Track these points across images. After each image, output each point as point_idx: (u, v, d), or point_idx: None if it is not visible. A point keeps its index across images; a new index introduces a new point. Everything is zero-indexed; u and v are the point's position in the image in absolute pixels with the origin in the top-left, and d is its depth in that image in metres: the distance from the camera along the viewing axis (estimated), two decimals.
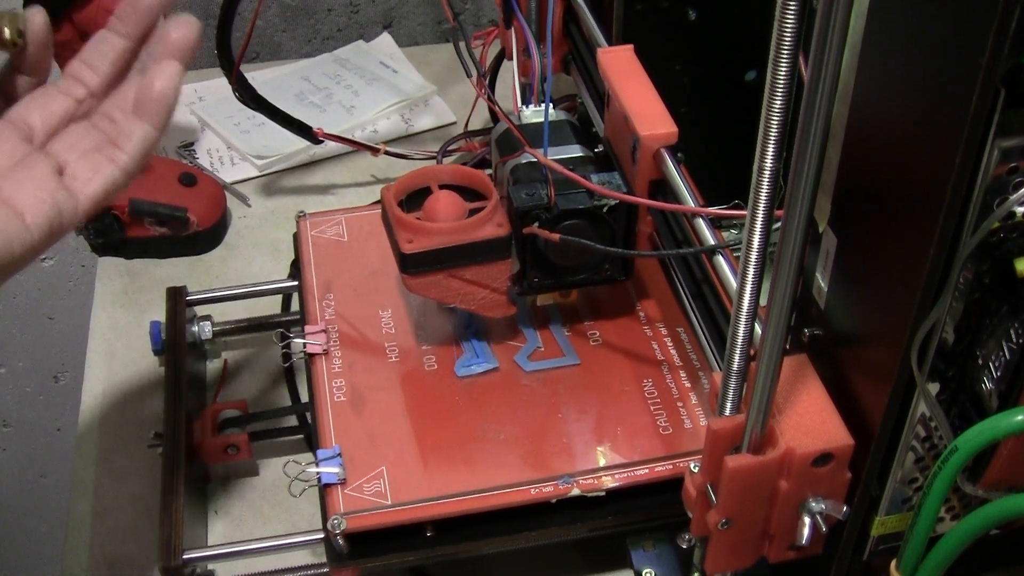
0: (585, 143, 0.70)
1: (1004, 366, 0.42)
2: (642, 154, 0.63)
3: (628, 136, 0.66)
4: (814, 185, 0.37)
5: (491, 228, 0.64)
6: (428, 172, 0.68)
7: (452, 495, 0.60)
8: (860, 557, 0.51)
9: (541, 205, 0.62)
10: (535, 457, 0.62)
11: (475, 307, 0.66)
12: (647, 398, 0.66)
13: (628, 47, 0.70)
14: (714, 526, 0.47)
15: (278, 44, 1.23)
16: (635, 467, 0.61)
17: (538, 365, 0.68)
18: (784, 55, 0.35)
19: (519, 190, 0.63)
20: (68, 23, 0.77)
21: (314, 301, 0.73)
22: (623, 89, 0.67)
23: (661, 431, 0.64)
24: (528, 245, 0.64)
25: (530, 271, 0.66)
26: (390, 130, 1.03)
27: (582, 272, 0.67)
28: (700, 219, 0.59)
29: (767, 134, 0.37)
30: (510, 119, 0.70)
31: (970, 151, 0.36)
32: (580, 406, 0.66)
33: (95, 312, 0.85)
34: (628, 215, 0.64)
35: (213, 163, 0.99)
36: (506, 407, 0.66)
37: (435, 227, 0.63)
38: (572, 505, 0.61)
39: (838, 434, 0.45)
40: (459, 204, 0.65)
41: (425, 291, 0.65)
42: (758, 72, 0.79)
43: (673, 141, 0.63)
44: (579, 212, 0.63)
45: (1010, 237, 0.39)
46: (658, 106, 0.65)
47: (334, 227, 0.80)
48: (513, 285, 0.67)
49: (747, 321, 0.42)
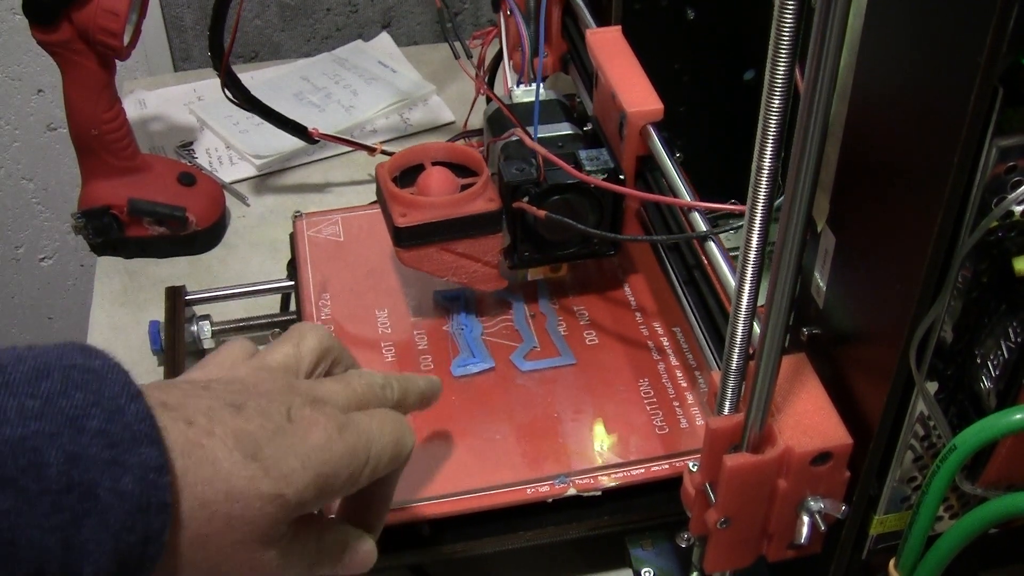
0: (574, 121, 0.72)
1: (1002, 365, 0.42)
2: (629, 130, 0.65)
3: (615, 113, 0.67)
4: (813, 184, 0.37)
5: (482, 202, 0.65)
6: (421, 149, 0.69)
7: (449, 495, 0.60)
8: (859, 556, 0.51)
9: (531, 180, 0.64)
10: (531, 457, 0.62)
11: (467, 280, 0.68)
12: (644, 398, 0.66)
13: (616, 28, 0.72)
14: (713, 525, 0.47)
15: (277, 44, 1.23)
16: (631, 467, 0.61)
17: (534, 365, 0.68)
18: (783, 54, 0.35)
19: (509, 166, 0.65)
20: (67, 23, 0.77)
21: (310, 301, 0.73)
22: (610, 68, 0.68)
23: (657, 431, 0.64)
24: (518, 219, 0.66)
25: (520, 245, 0.67)
26: (389, 129, 1.03)
27: (571, 246, 0.68)
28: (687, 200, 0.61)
29: (766, 133, 0.37)
30: (501, 99, 0.71)
31: (968, 150, 0.36)
32: (576, 405, 0.66)
33: (94, 311, 0.85)
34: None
35: (212, 163, 0.99)
36: (502, 407, 0.66)
37: (428, 201, 0.65)
38: (571, 504, 0.61)
39: (837, 433, 0.45)
40: (451, 180, 0.66)
41: (418, 264, 0.66)
42: (757, 71, 0.79)
43: (659, 118, 0.65)
44: (568, 187, 0.64)
45: (1008, 236, 0.39)
46: (644, 84, 0.67)
47: (331, 227, 0.80)
48: (504, 259, 0.68)
49: (746, 320, 0.42)
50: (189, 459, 0.39)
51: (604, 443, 0.63)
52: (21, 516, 0.34)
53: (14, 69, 1.27)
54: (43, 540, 0.35)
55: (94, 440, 0.36)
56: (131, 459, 0.37)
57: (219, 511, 0.40)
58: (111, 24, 0.77)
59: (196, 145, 1.01)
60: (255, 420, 0.42)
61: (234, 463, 0.40)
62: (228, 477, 0.40)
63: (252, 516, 0.40)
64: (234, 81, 0.83)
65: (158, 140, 1.02)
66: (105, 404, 0.37)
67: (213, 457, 0.40)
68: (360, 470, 0.45)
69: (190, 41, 1.22)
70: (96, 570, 0.36)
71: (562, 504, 0.61)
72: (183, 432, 0.39)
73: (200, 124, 1.03)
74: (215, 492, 0.39)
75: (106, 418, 0.37)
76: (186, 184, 0.89)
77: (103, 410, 0.37)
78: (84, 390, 0.37)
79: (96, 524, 0.36)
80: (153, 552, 0.37)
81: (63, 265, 1.44)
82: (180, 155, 0.99)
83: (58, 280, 1.45)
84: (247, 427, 0.42)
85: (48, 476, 0.35)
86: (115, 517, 0.36)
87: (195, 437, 0.40)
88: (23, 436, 0.35)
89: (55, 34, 0.78)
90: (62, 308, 1.47)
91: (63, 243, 1.42)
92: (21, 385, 0.36)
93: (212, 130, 1.02)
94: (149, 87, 1.09)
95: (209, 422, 0.41)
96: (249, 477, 0.40)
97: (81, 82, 0.81)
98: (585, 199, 0.65)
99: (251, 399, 0.43)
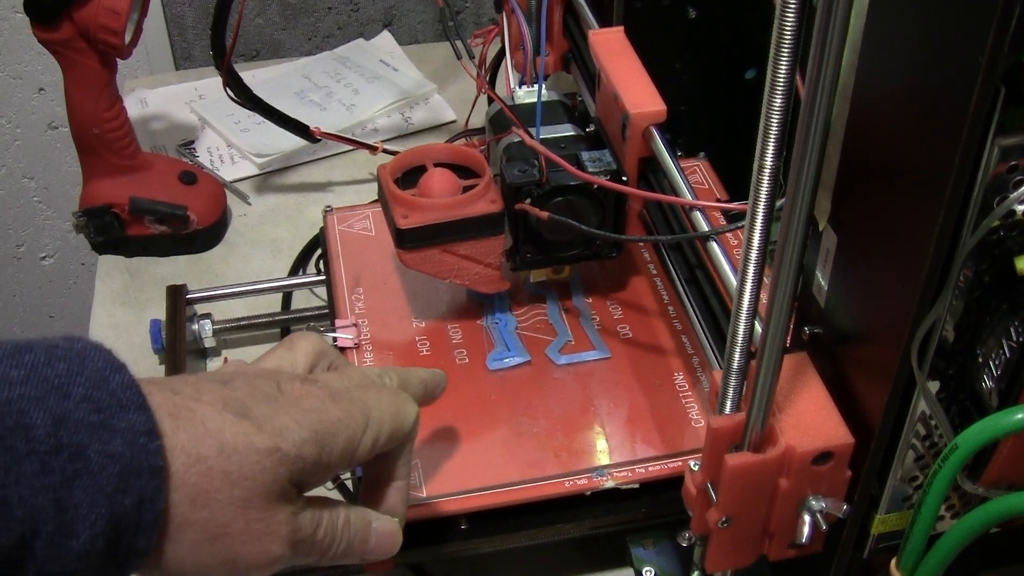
0: (577, 122, 0.71)
1: (1004, 364, 0.42)
2: (631, 132, 0.65)
3: (618, 114, 0.67)
4: (814, 183, 0.37)
5: (484, 204, 0.65)
6: (423, 150, 0.69)
7: (486, 488, 0.60)
8: (860, 555, 0.51)
9: (533, 181, 0.64)
10: (568, 450, 0.62)
11: (469, 282, 0.67)
12: (679, 391, 0.66)
13: (618, 28, 0.72)
14: (714, 524, 0.47)
15: (278, 42, 1.23)
16: (668, 460, 0.62)
17: (570, 359, 0.69)
18: (784, 53, 0.35)
19: (512, 167, 0.65)
20: (68, 22, 0.77)
21: (343, 295, 0.73)
22: (613, 69, 0.68)
23: (693, 423, 0.64)
24: (520, 221, 0.65)
25: (522, 246, 0.67)
26: (390, 128, 1.03)
27: (573, 248, 0.68)
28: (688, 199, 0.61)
29: (767, 132, 0.37)
30: (503, 100, 0.71)
31: (970, 149, 0.36)
32: (613, 399, 0.66)
33: (95, 310, 0.85)
34: (619, 192, 0.65)
35: (213, 161, 0.99)
36: (539, 400, 0.66)
37: (430, 203, 0.65)
38: (572, 503, 0.61)
39: (838, 432, 0.45)
40: (453, 181, 0.66)
41: (420, 266, 0.66)
42: (758, 70, 0.79)
43: (662, 119, 0.65)
44: (570, 188, 0.64)
45: (1010, 235, 0.39)
46: (647, 85, 0.67)
47: (361, 221, 0.80)
48: (506, 260, 0.68)
49: (747, 319, 0.42)
50: (177, 419, 0.39)
51: (641, 436, 0.63)
52: (10, 475, 0.34)
53: (15, 68, 1.27)
54: (35, 499, 0.35)
55: (80, 405, 0.36)
56: (119, 423, 0.37)
57: (215, 467, 0.39)
58: (112, 22, 0.77)
59: (197, 144, 1.01)
60: (243, 389, 0.42)
61: (225, 421, 0.40)
62: (219, 433, 0.40)
63: (250, 471, 0.40)
64: (236, 80, 0.83)
65: (159, 139, 1.02)
66: (89, 374, 0.37)
67: (202, 417, 0.40)
68: (359, 434, 0.45)
69: (191, 40, 1.22)
70: (92, 533, 0.36)
71: (564, 503, 0.61)
72: (170, 399, 0.39)
73: (201, 123, 1.03)
74: (207, 448, 0.39)
75: (91, 386, 0.37)
76: (187, 183, 0.89)
77: (87, 379, 0.37)
78: (67, 361, 0.37)
79: (88, 485, 0.36)
80: (149, 516, 0.37)
81: (64, 264, 1.44)
82: (181, 154, 0.99)
83: (59, 279, 1.45)
84: (235, 394, 0.41)
85: (35, 437, 0.35)
86: (107, 479, 0.36)
87: (182, 402, 0.40)
88: (8, 399, 0.35)
89: (56, 33, 0.78)
90: (63, 307, 1.47)
91: (64, 242, 1.42)
92: (3, 359, 0.36)
93: (213, 129, 1.02)
94: (150, 86, 1.09)
95: (196, 391, 0.41)
96: (242, 432, 0.40)
97: (82, 81, 0.81)
98: (588, 200, 0.65)
99: (239, 377, 0.43)
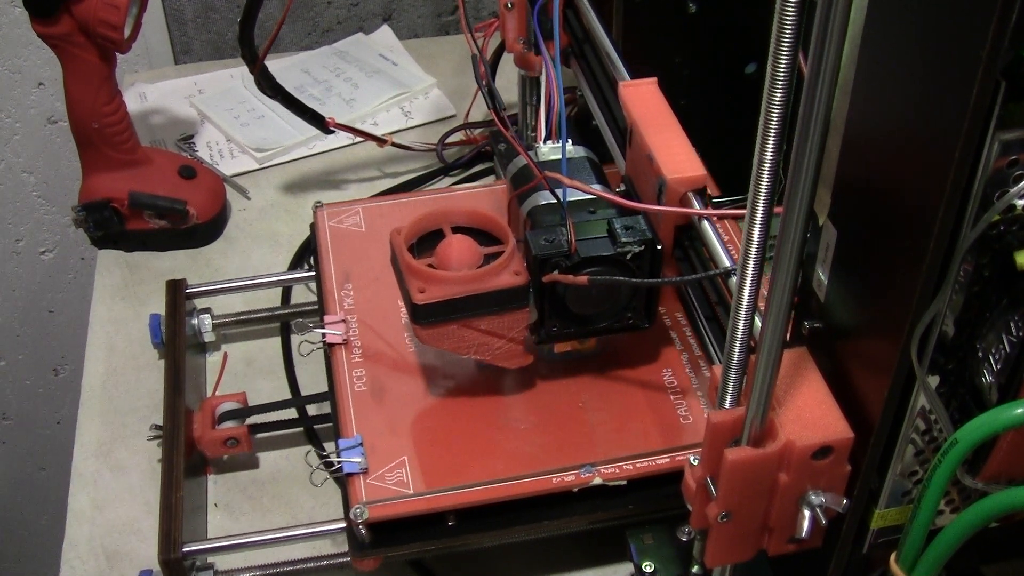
0: (605, 181, 0.66)
1: (1004, 359, 0.42)
2: (668, 198, 0.60)
3: (652, 176, 0.62)
4: (814, 178, 0.37)
5: (508, 276, 0.60)
6: (441, 214, 0.63)
7: (474, 484, 0.60)
8: (860, 550, 0.51)
9: (561, 252, 0.58)
10: (556, 446, 0.62)
11: (490, 357, 0.62)
12: (668, 387, 0.66)
13: (652, 80, 0.67)
14: (714, 519, 0.47)
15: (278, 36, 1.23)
16: (655, 456, 0.61)
17: (559, 354, 0.68)
18: (784, 48, 0.35)
19: (537, 235, 0.59)
20: (68, 16, 0.77)
21: (333, 291, 0.73)
22: (647, 127, 0.63)
23: (682, 420, 0.64)
24: (547, 293, 0.60)
25: (548, 320, 0.62)
26: (390, 123, 1.03)
27: (603, 320, 0.62)
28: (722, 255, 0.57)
29: (767, 127, 0.37)
30: (528, 154, 0.65)
31: (970, 144, 0.36)
32: (601, 395, 0.66)
33: (95, 305, 0.85)
34: (652, 261, 0.60)
35: (212, 156, 0.99)
36: (527, 396, 0.66)
37: (449, 276, 0.59)
38: (572, 498, 0.61)
39: (838, 427, 0.45)
40: (474, 250, 0.61)
41: (437, 342, 0.61)
42: (758, 65, 0.79)
43: (702, 185, 0.60)
44: (602, 259, 0.59)
45: (1010, 230, 0.39)
46: (686, 147, 0.62)
47: (352, 217, 0.79)
48: (530, 334, 0.63)
49: (747, 314, 0.42)
50: None
51: (629, 433, 0.63)
52: None
53: (14, 62, 1.27)
54: None
55: None
56: None
57: None
58: (111, 17, 0.77)
59: (197, 138, 1.01)
60: None
61: None
62: None
63: None
64: (263, 71, 0.83)
65: (158, 133, 1.01)
66: None
67: None
68: None
69: (191, 34, 1.22)
70: None
71: (563, 498, 0.61)
72: None
73: (201, 117, 1.03)
74: None
75: None
76: (187, 177, 0.89)
77: None
78: None
79: None
80: None
81: (64, 258, 1.44)
82: (181, 148, 0.99)
83: (59, 273, 1.45)
84: None
85: None
86: None
87: None
88: None
89: (55, 27, 0.78)
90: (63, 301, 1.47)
91: (64, 236, 1.42)
92: None
93: (213, 123, 1.02)
94: (149, 80, 1.09)
95: None
96: None
97: (81, 75, 0.81)
98: (620, 272, 0.59)
99: None
